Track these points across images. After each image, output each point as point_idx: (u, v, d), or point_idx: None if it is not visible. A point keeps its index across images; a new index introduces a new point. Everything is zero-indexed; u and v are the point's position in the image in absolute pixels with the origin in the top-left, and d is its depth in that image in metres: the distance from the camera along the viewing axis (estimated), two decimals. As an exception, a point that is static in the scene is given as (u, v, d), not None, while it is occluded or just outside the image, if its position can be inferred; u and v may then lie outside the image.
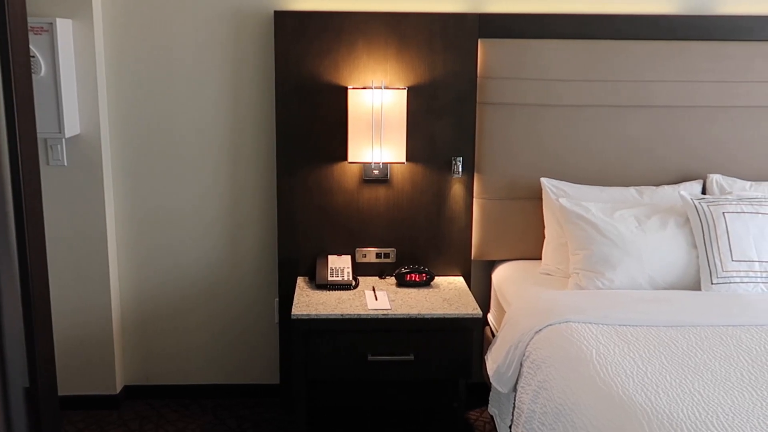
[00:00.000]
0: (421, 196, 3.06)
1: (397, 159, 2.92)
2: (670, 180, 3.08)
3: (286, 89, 2.96)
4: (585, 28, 2.97)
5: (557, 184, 3.00)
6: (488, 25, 2.95)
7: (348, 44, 2.94)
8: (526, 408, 2.29)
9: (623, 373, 2.07)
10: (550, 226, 2.99)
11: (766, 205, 2.76)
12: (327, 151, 3.01)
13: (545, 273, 2.98)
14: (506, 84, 2.99)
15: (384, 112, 2.87)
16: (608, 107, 3.02)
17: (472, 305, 2.78)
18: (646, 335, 2.32)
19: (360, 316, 2.68)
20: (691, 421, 1.80)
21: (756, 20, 3.00)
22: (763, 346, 2.24)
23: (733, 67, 3.01)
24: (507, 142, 3.03)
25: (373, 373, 2.73)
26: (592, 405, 1.96)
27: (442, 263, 3.11)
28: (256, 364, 3.32)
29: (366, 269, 3.10)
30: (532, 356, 2.37)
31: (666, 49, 2.99)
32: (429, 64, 2.96)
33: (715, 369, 2.09)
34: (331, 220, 3.07)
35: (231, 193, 3.16)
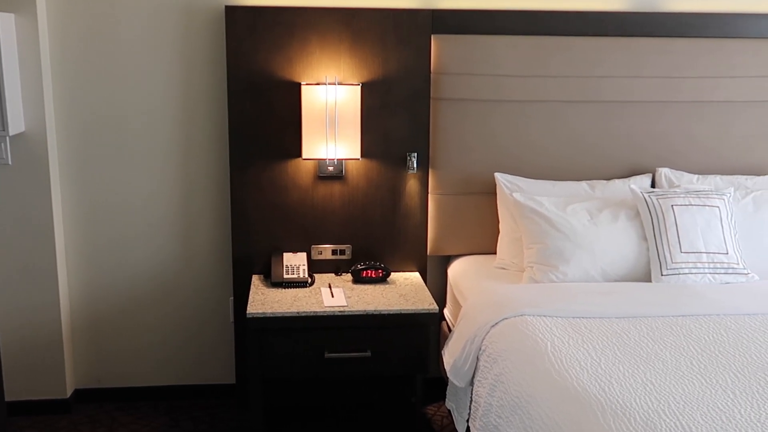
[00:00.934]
0: (376, 192, 3.06)
1: (351, 155, 2.91)
2: (620, 174, 3.13)
3: (239, 85, 2.92)
4: (536, 25, 3.00)
5: (511, 179, 3.02)
6: (441, 21, 2.96)
7: (301, 40, 2.92)
8: (483, 401, 2.31)
9: (577, 364, 2.09)
10: (504, 220, 3.02)
11: (713, 198, 2.83)
12: (281, 148, 2.98)
13: (500, 267, 3.00)
14: (460, 80, 3.00)
15: (338, 108, 2.86)
16: (560, 102, 3.06)
17: (428, 300, 2.79)
18: (599, 327, 2.35)
19: (316, 313, 2.67)
20: (644, 410, 1.83)
21: (700, 17, 3.07)
22: (711, 336, 2.29)
23: (678, 62, 3.08)
24: (461, 137, 3.05)
25: (331, 371, 2.72)
26: (548, 397, 1.99)
27: (398, 259, 3.11)
28: (211, 364, 3.28)
29: (322, 266, 3.09)
30: (488, 350, 2.39)
31: (614, 45, 3.04)
32: (383, 59, 2.96)
33: (666, 359, 2.14)
34: (286, 217, 3.05)
35: (183, 190, 3.11)
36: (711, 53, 3.09)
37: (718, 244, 2.75)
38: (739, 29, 3.08)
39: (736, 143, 3.18)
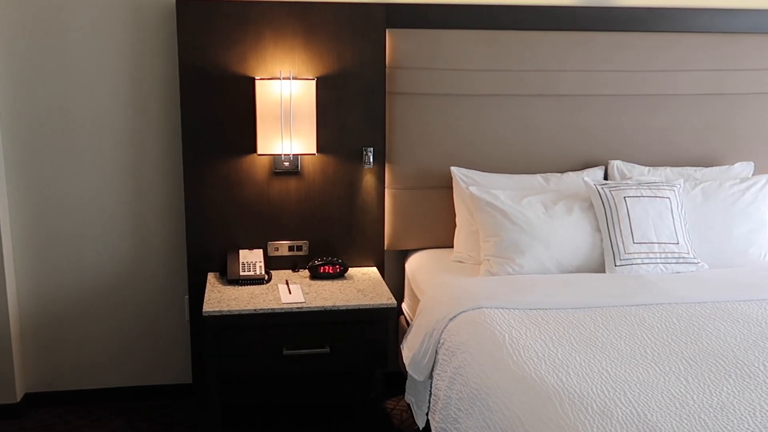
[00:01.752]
0: (332, 187, 3.04)
1: (307, 150, 2.89)
2: (574, 167, 3.17)
3: (191, 80, 2.88)
4: (490, 19, 3.02)
5: (467, 173, 3.04)
6: (396, 15, 2.96)
7: (254, 34, 2.88)
8: (443, 394, 2.32)
9: (535, 356, 2.12)
10: (460, 214, 3.03)
11: (664, 189, 2.88)
12: (236, 144, 2.94)
13: (457, 261, 3.02)
14: (415, 74, 3.00)
15: (293, 103, 2.83)
16: (514, 96, 3.09)
17: (386, 295, 2.78)
18: (556, 318, 2.38)
19: (274, 310, 2.64)
20: (600, 398, 1.86)
21: (652, 12, 3.12)
22: (663, 324, 2.34)
23: (631, 57, 3.13)
24: (417, 131, 3.05)
25: (289, 368, 2.70)
26: (507, 388, 2.00)
27: (356, 254, 3.10)
28: (167, 363, 3.23)
29: (279, 263, 3.06)
30: (447, 343, 2.40)
31: (568, 39, 3.08)
32: (337, 54, 2.94)
33: (621, 348, 2.17)
34: (242, 213, 3.01)
35: (135, 187, 3.05)
36: (661, 47, 3.14)
37: (669, 235, 2.80)
38: (688, 24, 3.15)
39: (685, 135, 3.25)
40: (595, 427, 1.74)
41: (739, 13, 3.17)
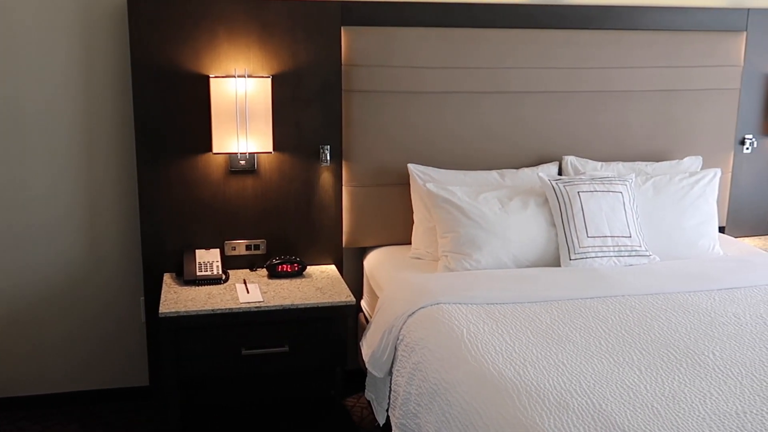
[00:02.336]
0: (289, 185, 3.03)
1: (263, 149, 2.87)
2: (529, 162, 3.21)
3: (144, 78, 2.83)
4: (445, 16, 3.04)
5: (424, 170, 3.06)
6: (351, 13, 2.95)
7: (208, 32, 2.85)
8: (403, 390, 2.33)
9: (493, 350, 2.14)
10: (418, 210, 3.05)
11: (617, 184, 2.94)
12: (191, 142, 2.91)
13: (415, 257, 3.03)
14: (371, 72, 3.01)
15: (248, 101, 2.81)
16: (470, 93, 3.11)
17: (345, 293, 2.79)
18: (513, 312, 2.41)
19: (232, 310, 2.62)
20: (557, 390, 1.89)
21: (602, 10, 3.17)
22: (617, 316, 2.39)
23: (583, 54, 3.18)
24: (374, 129, 3.06)
25: (248, 367, 2.69)
26: (465, 383, 2.02)
27: (314, 252, 3.10)
28: (123, 366, 3.18)
29: (236, 262, 3.04)
30: (406, 339, 2.41)
31: (522, 36, 3.12)
32: (293, 51, 2.93)
33: (576, 340, 2.21)
34: (198, 213, 2.98)
35: (87, 188, 3.00)
36: (611, 44, 3.20)
37: (622, 228, 2.86)
38: (637, 22, 3.21)
39: (636, 131, 3.32)
40: (552, 419, 1.77)
41: (686, 11, 3.25)
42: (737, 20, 3.31)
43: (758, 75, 3.40)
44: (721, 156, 3.43)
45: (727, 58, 3.33)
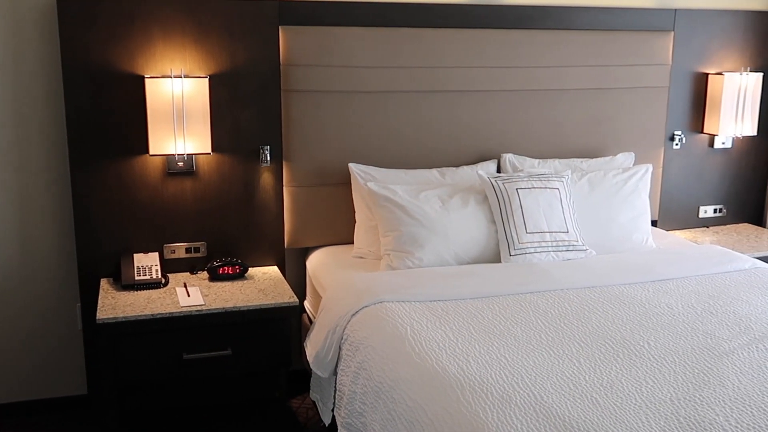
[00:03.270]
0: (229, 186, 3.00)
1: (202, 150, 2.84)
2: (468, 160, 3.25)
3: (76, 79, 2.76)
4: (383, 16, 3.05)
5: (365, 169, 3.06)
6: (288, 12, 2.94)
7: (142, 31, 2.80)
8: (348, 390, 2.33)
9: (437, 346, 2.16)
10: (360, 210, 3.06)
11: (553, 181, 3.00)
12: (126, 144, 2.85)
13: (358, 256, 3.04)
14: (310, 71, 3.00)
15: (185, 102, 2.77)
16: (409, 93, 3.13)
17: (288, 294, 2.77)
18: (455, 308, 2.44)
19: (172, 314, 2.58)
20: (500, 384, 1.93)
21: (539, 10, 3.24)
22: (556, 310, 2.44)
23: (519, 53, 3.24)
24: (314, 129, 3.05)
25: (191, 372, 2.65)
26: (410, 380, 2.04)
27: (256, 254, 3.07)
28: (60, 375, 3.09)
29: (176, 265, 2.99)
30: (350, 339, 2.42)
31: (460, 36, 3.15)
32: (230, 51, 2.89)
33: (517, 334, 2.25)
34: (135, 216, 2.92)
35: (18, 192, 2.90)
36: (546, 44, 3.27)
37: (559, 224, 2.92)
38: (572, 22, 3.28)
39: (570, 128, 3.39)
40: (496, 413, 1.80)
41: (616, 11, 3.34)
42: (665, 20, 3.42)
43: (685, 73, 3.52)
44: (652, 152, 3.54)
45: (656, 57, 3.44)
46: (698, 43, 3.50)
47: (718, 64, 3.55)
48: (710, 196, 3.72)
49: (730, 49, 3.55)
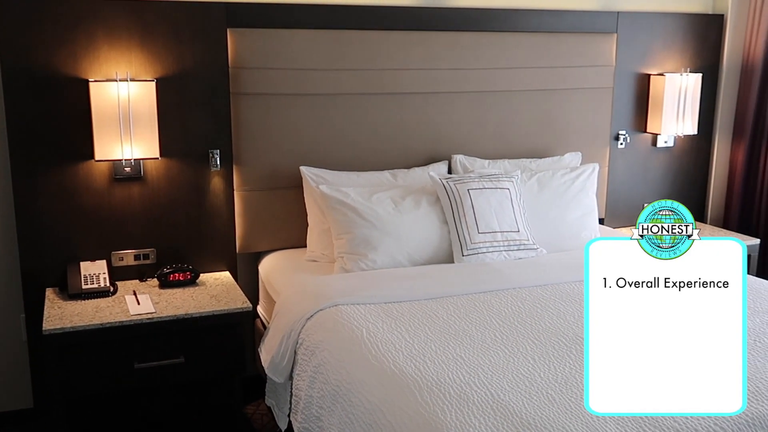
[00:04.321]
0: (179, 192, 2.95)
1: (149, 155, 2.78)
2: (419, 162, 3.27)
3: (16, 83, 2.68)
4: (332, 19, 3.05)
5: (316, 172, 3.05)
6: (236, 15, 2.91)
7: (86, 34, 2.73)
8: (304, 394, 2.32)
9: (393, 348, 2.17)
10: (312, 213, 3.04)
11: (504, 181, 3.04)
12: (71, 150, 2.78)
13: (311, 260, 3.02)
14: (260, 74, 2.97)
15: (132, 106, 2.71)
16: (360, 95, 3.13)
17: (240, 299, 2.74)
18: (410, 309, 2.45)
19: (122, 323, 2.53)
20: (457, 384, 1.94)
21: (485, 12, 3.27)
22: (510, 308, 2.47)
23: (467, 55, 3.27)
24: (265, 132, 3.02)
25: (143, 381, 2.60)
26: (367, 382, 2.04)
27: (207, 259, 3.03)
28: (4, 388, 3.00)
29: (124, 273, 2.93)
30: (305, 343, 2.40)
31: (409, 39, 3.17)
32: (177, 54, 2.85)
33: (472, 334, 2.27)
34: (81, 223, 2.85)
35: (-43, 201, 2.80)
36: (493, 46, 3.31)
37: (510, 223, 2.96)
38: (518, 24, 3.33)
39: (519, 129, 3.44)
40: (454, 412, 1.81)
41: (560, 14, 3.40)
42: (608, 22, 3.50)
43: (629, 74, 3.60)
44: (598, 151, 3.61)
45: (600, 58, 3.51)
46: (640, 45, 3.59)
47: (660, 65, 3.65)
48: (654, 193, 3.81)
49: (671, 51, 3.66)
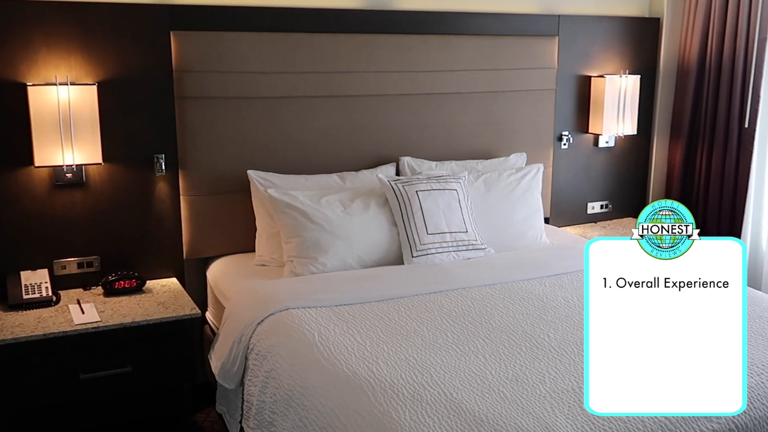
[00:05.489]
0: (123, 197, 2.89)
1: (92, 160, 2.72)
2: (367, 164, 3.28)
3: (-50, 88, 2.59)
4: (278, 22, 3.03)
5: (264, 176, 3.03)
6: (180, 17, 2.87)
7: (22, 37, 2.66)
8: (256, 400, 2.30)
9: (345, 350, 2.17)
10: (260, 217, 3.02)
11: (451, 182, 3.07)
12: (9, 156, 2.70)
13: (260, 264, 3.00)
14: (205, 77, 2.94)
15: (72, 110, 2.65)
16: (307, 98, 3.12)
17: (189, 305, 2.70)
18: (362, 312, 2.45)
19: (66, 333, 2.47)
20: (410, 384, 1.95)
21: (431, 15, 3.30)
22: (460, 308, 2.49)
23: (414, 58, 3.29)
24: (211, 136, 2.99)
25: (89, 392, 2.54)
26: (321, 385, 2.03)
27: (153, 266, 2.97)
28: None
29: (68, 282, 2.85)
30: (256, 348, 2.38)
31: (356, 41, 3.17)
32: (119, 57, 2.79)
33: (424, 334, 2.29)
34: (21, 232, 2.76)
35: None
36: (440, 49, 3.34)
37: (459, 224, 2.99)
38: (463, 27, 3.37)
39: (466, 131, 3.48)
40: (408, 412, 1.82)
41: (504, 17, 3.46)
42: (549, 25, 3.57)
43: (570, 76, 3.68)
44: (543, 152, 3.68)
45: (543, 60, 3.58)
46: (581, 48, 3.67)
47: (600, 67, 3.74)
48: (597, 192, 3.90)
49: (610, 53, 3.75)
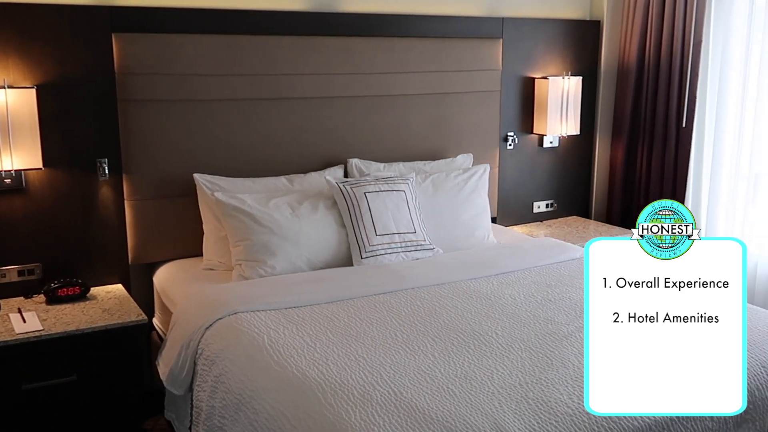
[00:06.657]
0: (65, 203, 2.83)
1: (31, 165, 2.66)
2: (315, 167, 3.27)
3: None
4: (223, 23, 3.01)
5: (211, 179, 3.00)
6: (121, 19, 2.83)
7: (-43, 39, 2.59)
8: (206, 405, 2.27)
9: (295, 353, 2.16)
10: (207, 221, 2.99)
11: (399, 183, 3.09)
12: (-57, 162, 2.62)
13: (208, 268, 2.97)
14: (149, 80, 2.90)
15: (10, 114, 2.59)
16: (252, 100, 3.11)
17: (135, 312, 2.66)
18: (311, 314, 2.45)
19: (7, 342, 2.40)
20: (360, 385, 1.96)
21: (378, 18, 3.32)
22: (409, 308, 2.51)
23: (361, 60, 3.31)
24: (156, 139, 2.95)
25: (31, 403, 2.48)
26: (271, 388, 2.02)
27: (98, 272, 2.92)
28: None
29: (7, 290, 2.78)
30: (205, 353, 2.36)
31: (303, 44, 3.17)
32: (59, 60, 2.74)
33: (374, 335, 2.30)
34: (-42, 239, 2.69)
35: None
36: (386, 51, 3.36)
37: (407, 225, 3.01)
38: (409, 29, 3.39)
39: (413, 132, 3.51)
40: (358, 412, 1.83)
41: (449, 20, 3.49)
42: (493, 28, 3.62)
43: (514, 77, 3.74)
44: (489, 152, 3.73)
45: (487, 62, 3.63)
46: (524, 50, 3.73)
47: (543, 69, 3.81)
48: (542, 192, 3.97)
49: (553, 55, 3.82)
